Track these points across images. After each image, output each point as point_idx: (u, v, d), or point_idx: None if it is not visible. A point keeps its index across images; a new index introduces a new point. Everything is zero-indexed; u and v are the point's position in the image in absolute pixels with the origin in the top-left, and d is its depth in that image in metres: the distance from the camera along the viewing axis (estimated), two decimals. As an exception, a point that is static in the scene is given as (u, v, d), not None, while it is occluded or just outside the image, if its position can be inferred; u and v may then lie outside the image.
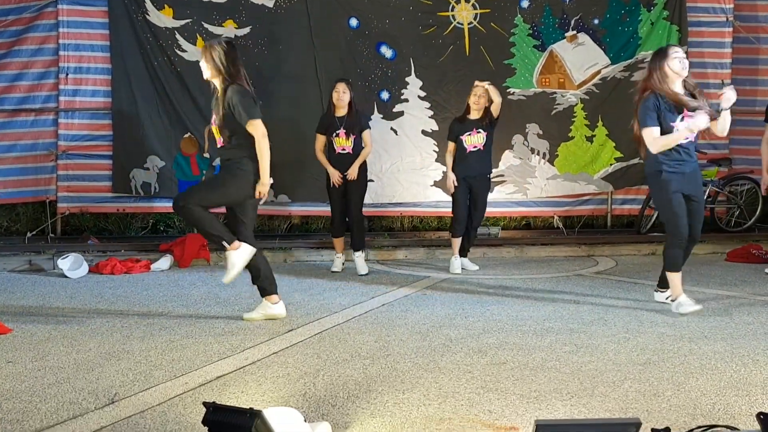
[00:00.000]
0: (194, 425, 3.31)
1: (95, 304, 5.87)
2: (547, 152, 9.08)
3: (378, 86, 8.80)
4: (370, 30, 8.75)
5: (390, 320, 5.37)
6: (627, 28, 9.03)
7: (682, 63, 5.38)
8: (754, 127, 9.41)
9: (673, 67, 5.37)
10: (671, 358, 4.43)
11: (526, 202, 9.21)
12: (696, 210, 5.59)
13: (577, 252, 8.42)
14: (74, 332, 4.98)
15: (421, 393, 3.80)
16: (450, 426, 3.37)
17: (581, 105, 9.08)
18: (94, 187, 8.58)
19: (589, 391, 3.85)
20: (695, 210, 5.58)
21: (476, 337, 4.90)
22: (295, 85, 8.64)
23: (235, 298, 6.04)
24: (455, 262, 7.32)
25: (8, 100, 8.39)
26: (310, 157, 8.65)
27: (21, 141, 8.47)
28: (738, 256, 7.94)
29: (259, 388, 3.89)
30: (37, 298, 6.11)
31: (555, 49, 9.02)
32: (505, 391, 3.84)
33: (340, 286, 6.61)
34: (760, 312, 5.59)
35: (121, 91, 8.49)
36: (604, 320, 5.36)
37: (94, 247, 7.96)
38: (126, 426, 3.38)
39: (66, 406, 3.61)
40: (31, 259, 7.50)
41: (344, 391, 3.83)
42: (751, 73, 9.52)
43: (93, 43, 8.50)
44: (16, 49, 8.35)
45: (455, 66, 8.88)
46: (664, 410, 3.57)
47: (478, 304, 5.90)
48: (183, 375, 4.10)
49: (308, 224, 9.28)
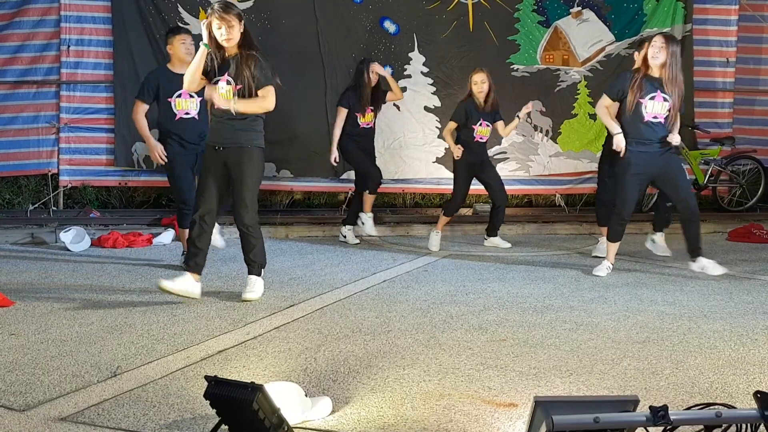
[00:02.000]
0: (196, 398, 3.34)
1: (97, 278, 5.89)
2: (550, 129, 9.05)
3: (381, 61, 8.66)
4: (373, 5, 8.67)
5: (391, 296, 5.39)
6: (632, 5, 8.94)
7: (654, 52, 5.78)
8: (758, 106, 9.39)
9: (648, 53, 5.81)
10: (670, 336, 4.45)
11: (528, 179, 9.19)
12: (674, 187, 5.95)
13: (579, 230, 8.42)
14: (76, 305, 5.01)
15: (421, 369, 3.83)
16: (449, 402, 3.40)
17: (585, 82, 9.02)
18: (96, 161, 8.57)
19: (588, 368, 3.87)
20: (673, 187, 5.96)
21: (476, 313, 4.92)
22: (298, 59, 8.59)
23: (236, 273, 6.05)
24: (435, 238, 7.26)
25: (10, 72, 8.34)
26: (312, 133, 8.68)
27: (23, 113, 8.43)
28: (739, 235, 7.94)
29: (260, 363, 3.91)
30: (39, 271, 6.13)
31: (559, 25, 8.94)
32: (504, 367, 3.87)
33: (342, 262, 6.62)
34: (760, 291, 5.61)
35: (123, 63, 8.45)
36: (604, 298, 5.38)
37: (96, 221, 7.98)
38: (128, 399, 3.41)
39: (69, 379, 3.64)
40: (33, 232, 7.52)
41: (345, 367, 3.86)
42: (755, 52, 9.44)
43: (94, 15, 8.44)
44: (17, 20, 8.29)
45: (459, 42, 8.81)
46: (662, 388, 3.59)
47: (478, 281, 5.92)
48: (185, 349, 4.12)
49: (310, 200, 9.28)
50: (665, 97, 5.77)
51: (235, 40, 4.96)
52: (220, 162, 5.10)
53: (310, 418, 3.18)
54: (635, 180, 5.96)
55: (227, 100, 4.97)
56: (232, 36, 4.93)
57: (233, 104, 4.96)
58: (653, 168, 5.91)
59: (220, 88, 5.00)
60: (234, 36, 4.93)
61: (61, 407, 3.30)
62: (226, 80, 5.01)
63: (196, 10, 8.41)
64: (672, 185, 5.99)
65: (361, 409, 3.31)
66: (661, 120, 5.81)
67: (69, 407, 3.30)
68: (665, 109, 5.79)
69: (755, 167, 9.12)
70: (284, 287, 5.56)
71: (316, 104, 8.67)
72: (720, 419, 2.49)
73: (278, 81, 5.11)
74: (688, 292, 5.60)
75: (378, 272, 6.22)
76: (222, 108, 4.99)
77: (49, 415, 3.21)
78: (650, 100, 5.78)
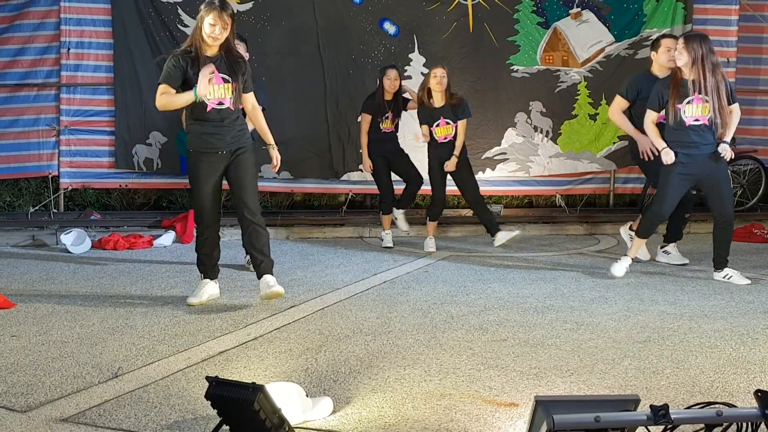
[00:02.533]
0: (197, 399, 3.34)
1: (98, 280, 5.90)
2: (550, 130, 9.05)
3: (381, 62, 8.74)
4: (373, 6, 8.69)
5: (392, 297, 5.39)
6: (632, 5, 8.94)
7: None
8: (759, 106, 9.39)
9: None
10: (671, 336, 4.45)
11: (528, 180, 9.19)
12: (717, 194, 5.82)
13: (579, 230, 8.42)
14: (77, 307, 5.01)
15: (422, 369, 3.83)
16: (450, 402, 3.40)
17: (585, 83, 9.03)
18: (97, 163, 8.58)
19: (589, 368, 3.87)
20: (716, 193, 5.82)
21: (477, 314, 4.92)
22: (297, 61, 8.60)
23: (237, 274, 6.06)
24: (429, 242, 7.21)
25: (10, 75, 8.36)
26: (311, 134, 8.68)
27: (23, 116, 8.45)
28: (740, 235, 7.91)
29: (261, 364, 3.92)
30: (40, 273, 6.13)
31: (559, 26, 8.95)
32: (505, 367, 3.87)
33: (343, 263, 6.62)
34: (761, 291, 5.61)
35: (123, 66, 8.46)
36: (605, 298, 5.38)
37: (97, 223, 7.98)
38: (129, 400, 3.41)
39: (70, 380, 3.64)
40: (34, 235, 7.52)
41: (346, 367, 3.86)
42: (755, 52, 9.45)
43: (95, 18, 8.45)
44: (17, 23, 8.30)
45: (459, 43, 8.83)
46: (663, 387, 3.59)
47: (479, 281, 5.92)
48: (186, 350, 4.12)
49: (310, 201, 9.28)
50: (703, 98, 5.58)
51: (221, 41, 4.93)
52: (222, 167, 5.03)
53: (311, 418, 3.18)
54: (680, 180, 5.78)
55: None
56: (223, 38, 4.91)
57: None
58: (700, 170, 5.74)
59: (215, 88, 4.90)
60: (223, 38, 4.91)
61: (62, 408, 3.30)
62: (222, 78, 4.92)
63: (195, 12, 8.34)
64: (715, 191, 5.82)
65: (362, 409, 3.32)
66: (705, 122, 5.62)
67: (70, 408, 3.30)
68: (707, 111, 5.59)
69: (756, 167, 9.13)
70: (285, 288, 5.54)
71: (316, 106, 8.68)
72: (721, 418, 2.49)
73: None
74: (688, 291, 5.60)
75: (378, 273, 6.22)
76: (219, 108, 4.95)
77: (51, 416, 3.21)
78: (687, 104, 5.62)
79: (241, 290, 5.51)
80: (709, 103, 5.59)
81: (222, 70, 4.93)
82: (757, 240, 7.74)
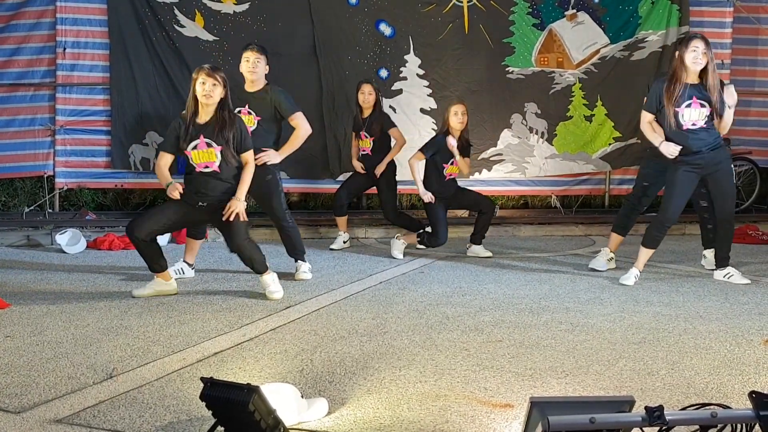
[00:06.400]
0: (192, 400, 3.34)
1: (93, 280, 5.89)
2: (545, 131, 9.06)
3: (377, 64, 8.76)
4: (369, 7, 8.69)
5: (387, 298, 5.39)
6: (627, 7, 8.96)
7: (695, 57, 5.55)
8: (753, 108, 9.42)
9: (686, 59, 5.59)
10: (666, 337, 4.46)
11: (524, 181, 9.21)
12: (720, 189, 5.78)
13: (575, 231, 8.44)
14: (72, 307, 5.00)
15: (417, 370, 3.83)
16: (446, 403, 3.40)
17: (579, 84, 9.04)
18: (92, 163, 8.56)
19: (584, 369, 3.88)
20: (718, 188, 5.78)
21: (473, 315, 4.93)
22: (294, 62, 8.59)
23: (232, 275, 6.06)
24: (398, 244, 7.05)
25: (6, 74, 8.33)
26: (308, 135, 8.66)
27: (19, 116, 8.42)
28: (734, 236, 7.92)
29: (256, 364, 3.91)
30: (34, 273, 6.12)
31: (554, 27, 8.96)
32: (500, 368, 3.87)
33: (338, 264, 6.62)
34: (755, 292, 5.63)
35: (119, 66, 8.44)
36: (600, 299, 5.38)
37: (92, 223, 7.97)
38: (124, 400, 3.40)
39: (64, 381, 3.64)
40: (29, 235, 7.51)
41: (341, 368, 3.86)
42: (750, 54, 9.48)
43: (91, 18, 8.43)
44: (13, 23, 8.28)
45: (454, 44, 8.83)
46: (658, 389, 3.60)
47: (474, 282, 5.93)
48: (181, 351, 4.12)
49: (306, 201, 9.28)
50: (702, 103, 5.55)
51: (215, 100, 5.12)
52: (197, 219, 5.47)
53: (306, 419, 3.18)
54: (687, 174, 5.67)
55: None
56: (215, 95, 5.10)
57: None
58: (707, 163, 5.66)
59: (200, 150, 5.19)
60: (215, 96, 5.10)
61: (56, 409, 3.29)
62: (206, 143, 5.15)
63: (192, 12, 8.41)
64: (718, 186, 5.78)
65: (357, 410, 3.32)
66: (702, 126, 5.59)
67: (64, 409, 3.29)
68: (704, 115, 5.56)
69: (750, 168, 9.15)
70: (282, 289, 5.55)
71: (312, 107, 8.64)
72: (715, 419, 2.49)
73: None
74: (683, 293, 5.61)
75: (374, 274, 6.22)
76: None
77: (45, 417, 3.21)
78: (686, 108, 5.57)
79: (236, 291, 5.51)
80: (706, 108, 5.57)
81: (208, 134, 5.15)
82: (752, 241, 7.76)
